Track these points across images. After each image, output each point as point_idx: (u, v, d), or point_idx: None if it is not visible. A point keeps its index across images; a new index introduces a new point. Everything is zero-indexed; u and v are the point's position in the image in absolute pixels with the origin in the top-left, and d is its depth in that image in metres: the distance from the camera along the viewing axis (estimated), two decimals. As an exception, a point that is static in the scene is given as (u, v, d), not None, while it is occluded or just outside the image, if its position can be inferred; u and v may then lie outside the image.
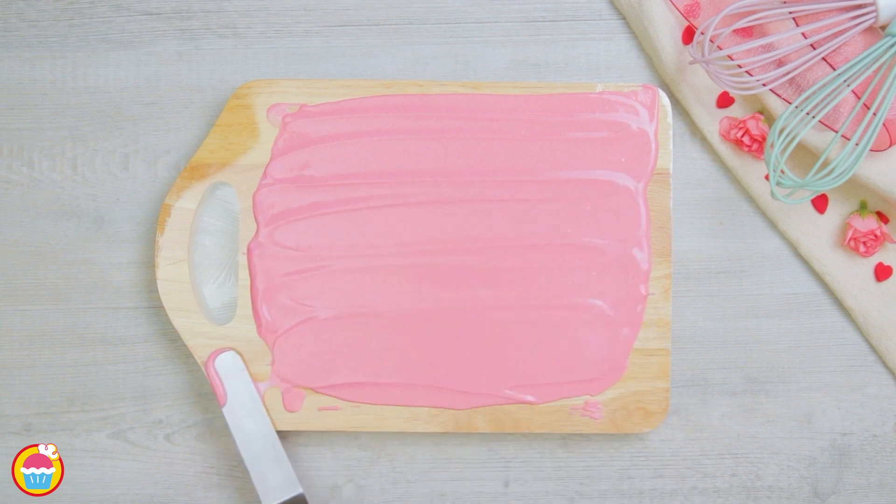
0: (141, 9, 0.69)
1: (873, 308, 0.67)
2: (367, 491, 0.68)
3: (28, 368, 0.68)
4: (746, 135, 0.66)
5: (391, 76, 0.69)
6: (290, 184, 0.66)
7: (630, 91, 0.66)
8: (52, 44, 0.69)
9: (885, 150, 0.64)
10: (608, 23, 0.69)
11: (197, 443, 0.68)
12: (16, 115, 0.69)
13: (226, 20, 0.69)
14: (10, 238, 0.68)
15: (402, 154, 0.66)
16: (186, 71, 0.69)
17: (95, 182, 0.68)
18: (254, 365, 0.66)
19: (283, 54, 0.69)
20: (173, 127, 0.68)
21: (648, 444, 0.68)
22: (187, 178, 0.66)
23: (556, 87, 0.67)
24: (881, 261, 0.67)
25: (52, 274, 0.68)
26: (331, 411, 0.66)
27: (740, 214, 0.68)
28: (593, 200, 0.66)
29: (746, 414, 0.68)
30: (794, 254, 0.68)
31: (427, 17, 0.69)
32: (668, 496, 0.68)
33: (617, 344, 0.66)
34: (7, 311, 0.68)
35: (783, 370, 0.68)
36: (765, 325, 0.68)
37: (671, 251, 0.66)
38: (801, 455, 0.68)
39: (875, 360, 0.68)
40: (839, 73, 0.62)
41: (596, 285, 0.66)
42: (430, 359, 0.66)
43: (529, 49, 0.69)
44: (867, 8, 0.62)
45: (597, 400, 0.66)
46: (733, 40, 0.65)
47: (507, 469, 0.68)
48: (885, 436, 0.68)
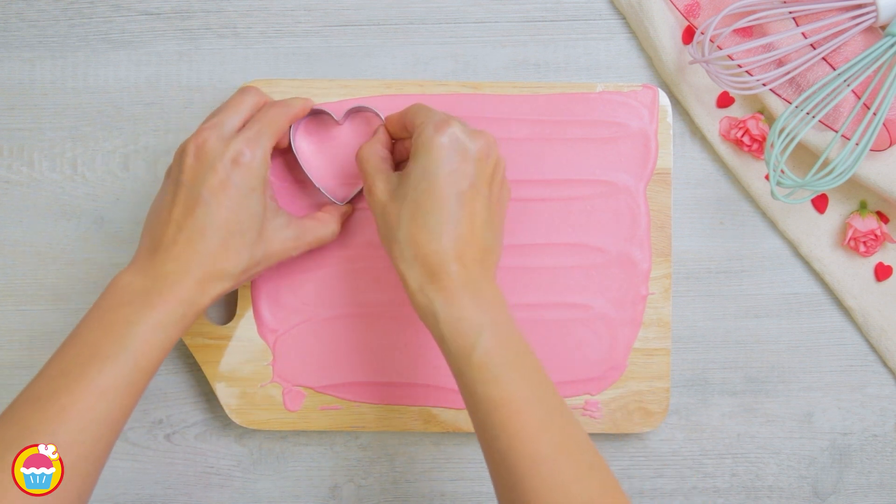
0: (141, 9, 0.69)
1: (873, 308, 0.67)
2: (367, 491, 0.68)
3: (28, 368, 0.68)
4: (746, 135, 0.66)
5: (391, 76, 0.69)
6: (290, 184, 0.66)
7: (630, 91, 0.66)
8: (52, 44, 0.69)
9: (885, 150, 0.64)
10: (608, 23, 0.69)
11: (197, 443, 0.68)
12: (16, 115, 0.69)
13: (226, 20, 0.69)
14: (10, 238, 0.68)
15: (402, 154, 0.66)
16: (186, 71, 0.69)
17: (95, 182, 0.68)
18: (254, 365, 0.66)
19: (283, 54, 0.69)
20: (173, 127, 0.68)
21: (648, 444, 0.68)
22: (187, 178, 0.66)
23: (556, 87, 0.67)
24: (881, 261, 0.67)
25: (53, 274, 0.68)
26: (331, 411, 0.66)
27: (740, 214, 0.68)
28: (593, 200, 0.66)
29: (746, 414, 0.68)
30: (794, 254, 0.68)
31: (427, 17, 0.69)
32: (668, 496, 0.68)
33: (617, 344, 0.66)
34: (7, 311, 0.68)
35: (783, 370, 0.68)
36: (765, 325, 0.68)
37: (671, 251, 0.66)
38: (801, 455, 0.68)
39: (875, 360, 0.68)
40: (839, 73, 0.62)
41: (596, 285, 0.66)
42: (430, 359, 0.66)
43: (529, 49, 0.69)
44: (867, 8, 0.62)
45: (597, 400, 0.66)
46: (733, 40, 0.65)
47: (507, 469, 0.68)
48: (885, 436, 0.68)
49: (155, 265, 0.55)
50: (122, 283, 0.55)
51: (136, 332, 0.53)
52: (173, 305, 0.54)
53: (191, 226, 0.55)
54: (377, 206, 0.57)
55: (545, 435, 0.52)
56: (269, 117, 0.59)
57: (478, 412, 0.53)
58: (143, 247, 0.57)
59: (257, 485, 0.68)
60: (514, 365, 0.53)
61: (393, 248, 0.56)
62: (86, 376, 0.52)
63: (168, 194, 0.57)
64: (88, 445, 0.52)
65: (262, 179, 0.57)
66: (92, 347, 0.53)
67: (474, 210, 0.55)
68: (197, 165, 0.56)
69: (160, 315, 0.54)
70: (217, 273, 0.56)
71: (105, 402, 0.52)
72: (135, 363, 0.53)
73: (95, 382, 0.52)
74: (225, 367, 0.66)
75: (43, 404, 0.52)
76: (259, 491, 0.68)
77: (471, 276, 0.54)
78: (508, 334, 0.54)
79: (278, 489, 0.68)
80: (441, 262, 0.54)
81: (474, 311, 0.53)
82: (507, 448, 0.51)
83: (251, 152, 0.57)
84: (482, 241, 0.55)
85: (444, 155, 0.55)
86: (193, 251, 0.55)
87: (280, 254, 0.60)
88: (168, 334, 0.54)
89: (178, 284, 0.55)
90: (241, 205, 0.56)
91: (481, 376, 0.52)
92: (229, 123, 0.58)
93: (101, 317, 0.54)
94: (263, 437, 0.68)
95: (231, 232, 0.56)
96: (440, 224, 0.54)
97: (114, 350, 0.53)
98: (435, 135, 0.55)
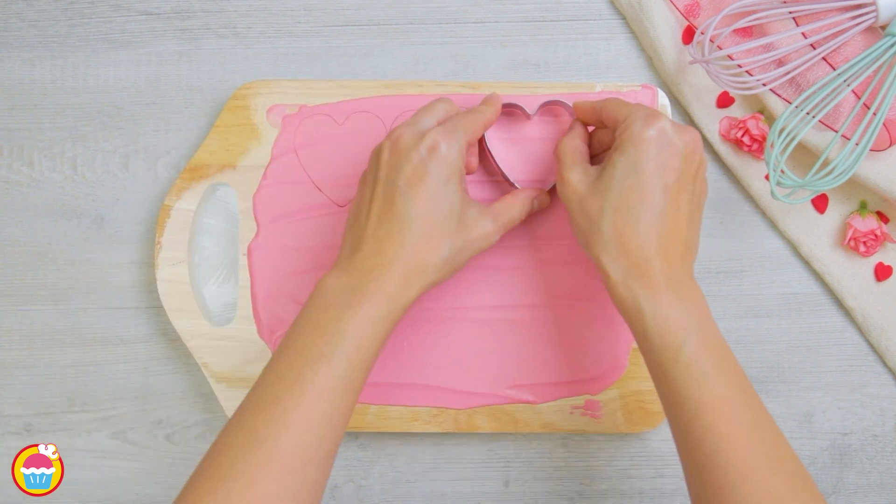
0: (141, 9, 0.69)
1: (873, 308, 0.67)
2: (367, 491, 0.68)
3: (28, 368, 0.68)
4: (746, 135, 0.66)
5: (391, 76, 0.69)
6: (290, 185, 0.66)
7: (630, 91, 0.66)
8: (52, 44, 0.69)
9: (885, 150, 0.64)
10: (608, 23, 0.69)
11: (197, 443, 0.68)
12: (16, 115, 0.69)
13: (226, 20, 0.69)
14: (10, 238, 0.68)
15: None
16: (186, 71, 0.69)
17: (95, 182, 0.68)
18: (254, 365, 0.66)
19: (283, 54, 0.69)
20: (173, 127, 0.68)
21: (648, 444, 0.68)
22: (187, 179, 0.66)
23: (556, 87, 0.66)
24: (881, 261, 0.67)
25: (53, 274, 0.68)
26: (331, 411, 0.66)
27: (740, 214, 0.68)
28: (593, 200, 0.66)
29: (746, 414, 0.68)
30: (794, 254, 0.68)
31: (427, 17, 0.69)
32: (668, 496, 0.68)
33: (617, 343, 0.66)
34: (7, 311, 0.68)
35: (783, 370, 0.68)
36: (765, 325, 0.68)
37: (671, 251, 0.66)
38: (801, 455, 0.68)
39: (875, 360, 0.68)
40: (839, 73, 0.62)
41: (596, 284, 0.66)
42: (430, 359, 0.66)
43: (529, 49, 0.69)
44: (867, 8, 0.62)
45: (597, 399, 0.66)
46: (733, 40, 0.65)
47: (507, 469, 0.68)
48: (885, 436, 0.68)
49: (357, 263, 0.55)
50: (327, 285, 0.55)
51: (345, 331, 0.53)
52: (380, 300, 0.54)
53: (390, 218, 0.55)
54: (574, 197, 0.57)
55: (755, 443, 0.51)
56: (464, 118, 0.59)
57: (682, 413, 0.52)
58: (344, 247, 0.57)
59: (257, 485, 0.68)
60: (722, 368, 0.53)
61: (594, 240, 0.55)
62: (302, 379, 0.51)
63: (366, 192, 0.57)
64: (314, 449, 0.51)
65: (458, 170, 0.57)
66: (304, 351, 0.53)
67: (679, 205, 0.55)
68: (392, 159, 0.56)
69: (368, 311, 0.53)
70: (420, 265, 0.55)
71: (325, 402, 0.51)
72: (349, 361, 0.52)
73: (313, 384, 0.51)
74: (225, 368, 0.66)
75: (265, 409, 0.51)
76: (259, 491, 0.68)
77: (674, 272, 0.54)
78: (714, 336, 0.54)
79: (278, 489, 0.68)
80: (646, 256, 0.54)
81: (680, 309, 0.53)
82: (714, 452, 0.50)
83: (447, 143, 0.56)
84: (685, 237, 0.55)
85: (652, 149, 0.54)
86: (394, 244, 0.55)
87: (480, 241, 0.58)
88: (378, 329, 0.54)
89: (383, 279, 0.54)
90: (439, 194, 0.56)
91: (687, 377, 0.52)
92: (424, 122, 0.58)
93: (309, 320, 0.54)
94: (263, 437, 0.68)
95: (430, 222, 0.55)
96: (647, 218, 0.54)
97: (326, 350, 0.52)
98: (644, 129, 0.55)
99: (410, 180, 0.55)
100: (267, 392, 0.52)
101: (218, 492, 0.48)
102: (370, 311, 0.53)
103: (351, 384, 0.53)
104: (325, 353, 0.52)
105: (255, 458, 0.49)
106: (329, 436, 0.52)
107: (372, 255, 0.55)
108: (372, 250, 0.55)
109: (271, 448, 0.49)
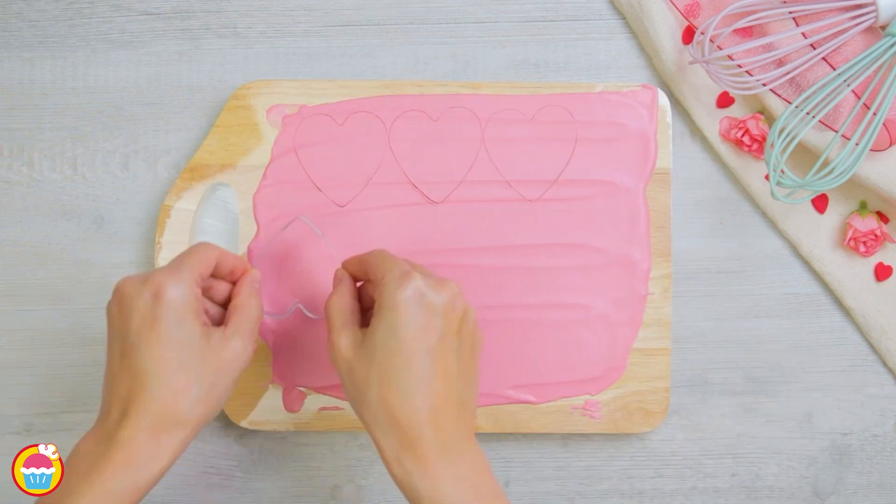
0: (141, 9, 0.69)
1: (873, 308, 0.67)
2: (367, 491, 0.68)
3: (29, 368, 0.68)
4: (746, 135, 0.66)
5: (391, 76, 0.69)
6: (290, 185, 0.66)
7: (630, 91, 0.66)
8: (52, 44, 0.69)
9: (885, 150, 0.64)
10: (608, 23, 0.69)
11: (197, 443, 0.68)
12: (16, 115, 0.69)
13: (226, 20, 0.69)
14: (10, 238, 0.68)
15: (402, 155, 0.66)
16: (186, 71, 0.69)
17: (95, 182, 0.68)
18: (254, 365, 0.66)
19: (283, 54, 0.69)
20: (173, 127, 0.68)
21: (648, 444, 0.68)
22: (187, 179, 0.66)
23: (556, 87, 0.66)
24: (881, 261, 0.67)
25: (53, 274, 0.68)
26: (331, 411, 0.66)
27: (740, 214, 0.68)
28: (593, 200, 0.66)
29: (746, 414, 0.68)
30: (794, 254, 0.68)
31: (427, 17, 0.69)
32: (668, 496, 0.68)
33: (617, 344, 0.66)
34: (8, 311, 0.68)
35: (783, 370, 0.68)
36: (765, 325, 0.68)
37: (671, 251, 0.66)
38: (801, 455, 0.68)
39: (875, 360, 0.68)
40: (839, 73, 0.62)
41: (596, 285, 0.66)
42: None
43: (529, 49, 0.69)
44: (867, 8, 0.62)
45: (597, 400, 0.66)
46: (733, 40, 0.65)
47: (507, 469, 0.68)
48: (885, 436, 0.68)
49: (107, 426, 0.52)
50: (78, 449, 0.53)
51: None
52: (123, 470, 0.51)
53: (130, 376, 0.52)
54: (343, 362, 0.54)
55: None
56: (189, 253, 0.56)
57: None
58: (101, 409, 0.54)
59: (257, 485, 0.68)
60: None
61: (364, 412, 0.53)
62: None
63: (108, 351, 0.54)
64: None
65: (191, 308, 0.53)
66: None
67: (447, 365, 0.52)
68: (120, 312, 0.53)
69: (108, 484, 0.50)
70: (170, 418, 0.52)
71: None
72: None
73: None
74: (225, 368, 0.66)
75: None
76: (259, 491, 0.68)
77: (448, 438, 0.52)
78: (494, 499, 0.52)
79: (278, 489, 0.68)
80: (417, 426, 0.51)
81: (457, 483, 0.51)
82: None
83: (172, 284, 0.52)
84: (457, 397, 0.53)
85: (409, 311, 0.52)
86: (138, 403, 0.51)
87: (235, 362, 0.55)
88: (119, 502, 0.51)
89: (127, 443, 0.51)
90: (175, 338, 0.52)
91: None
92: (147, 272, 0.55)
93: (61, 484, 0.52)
94: (264, 437, 0.68)
95: (171, 370, 0.52)
96: (412, 384, 0.51)
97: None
98: (398, 290, 0.52)
99: (141, 332, 0.52)
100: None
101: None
102: (110, 484, 0.50)
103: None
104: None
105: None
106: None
107: (119, 418, 0.52)
108: (119, 412, 0.52)
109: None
